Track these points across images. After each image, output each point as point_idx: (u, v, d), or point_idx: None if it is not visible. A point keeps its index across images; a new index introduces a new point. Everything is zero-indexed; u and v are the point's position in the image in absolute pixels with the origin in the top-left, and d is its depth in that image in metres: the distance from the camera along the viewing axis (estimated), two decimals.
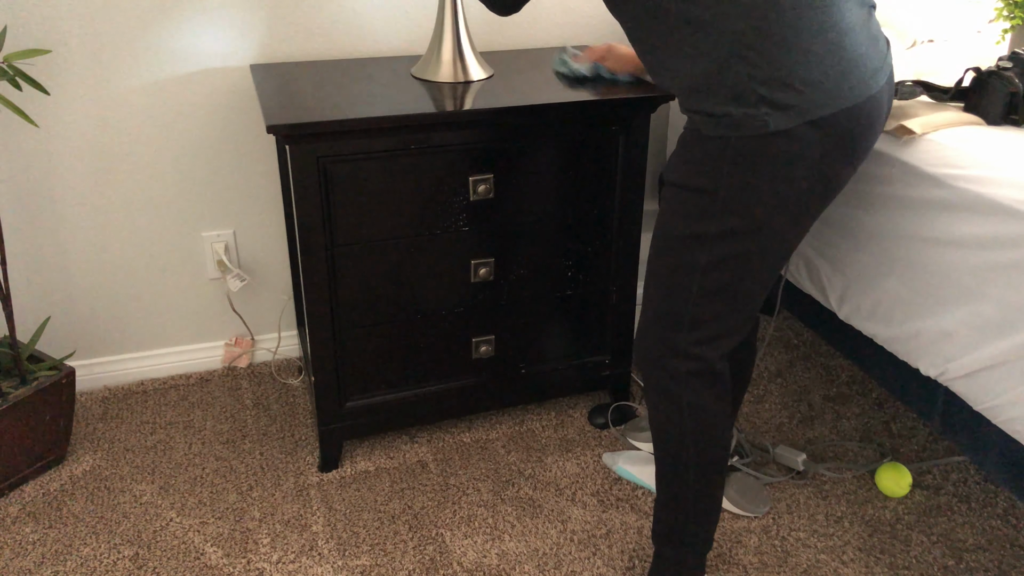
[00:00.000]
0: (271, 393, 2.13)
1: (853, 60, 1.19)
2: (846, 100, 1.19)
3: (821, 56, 1.16)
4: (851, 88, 1.19)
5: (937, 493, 1.82)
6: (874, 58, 1.23)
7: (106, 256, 2.02)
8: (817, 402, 2.11)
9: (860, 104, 1.20)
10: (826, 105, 1.17)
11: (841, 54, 1.18)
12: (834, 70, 1.17)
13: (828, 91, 1.17)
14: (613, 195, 1.82)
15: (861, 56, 1.20)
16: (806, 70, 1.16)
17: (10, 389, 1.75)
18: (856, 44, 1.20)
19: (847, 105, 1.19)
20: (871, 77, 1.21)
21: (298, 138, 1.54)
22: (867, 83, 1.21)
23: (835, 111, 1.18)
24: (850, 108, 1.19)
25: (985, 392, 1.35)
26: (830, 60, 1.17)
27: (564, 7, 2.11)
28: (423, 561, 1.64)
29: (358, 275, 1.71)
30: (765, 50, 1.16)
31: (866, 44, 1.22)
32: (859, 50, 1.20)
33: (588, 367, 1.99)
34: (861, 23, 1.22)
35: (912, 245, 1.45)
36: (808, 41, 1.16)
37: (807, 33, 1.16)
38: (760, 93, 1.17)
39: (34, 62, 1.79)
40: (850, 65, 1.19)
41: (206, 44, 1.90)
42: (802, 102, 1.17)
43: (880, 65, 1.24)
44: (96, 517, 1.73)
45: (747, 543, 1.69)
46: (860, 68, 1.20)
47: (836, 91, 1.18)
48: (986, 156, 1.36)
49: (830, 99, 1.17)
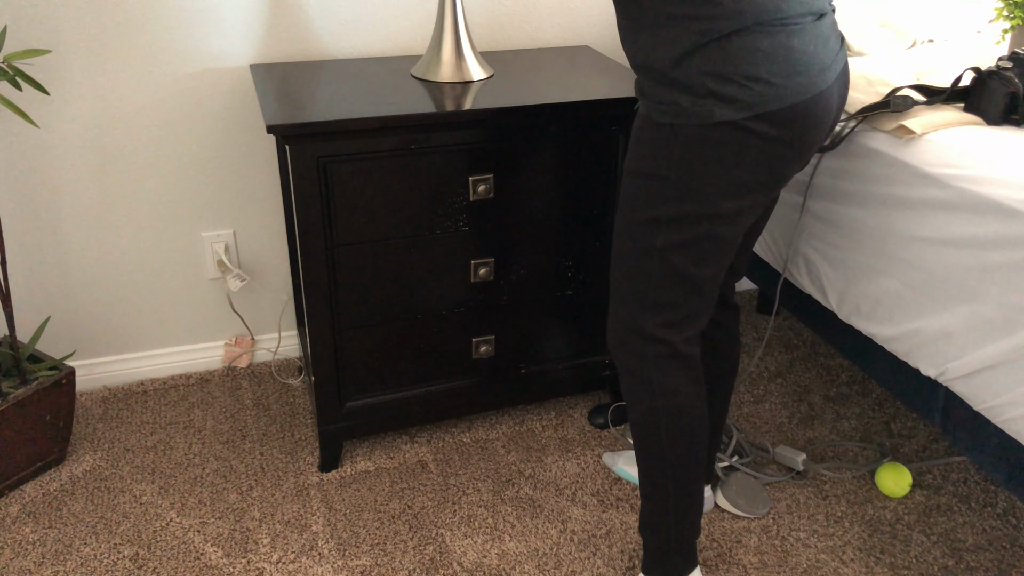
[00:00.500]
0: (271, 393, 2.13)
1: (801, 59, 1.23)
2: (792, 97, 1.23)
3: (768, 54, 1.21)
4: (798, 85, 1.23)
5: (937, 493, 1.82)
6: (823, 57, 1.27)
7: (106, 256, 2.02)
8: (817, 402, 2.11)
9: (807, 101, 1.24)
10: (772, 101, 1.22)
11: (788, 54, 1.22)
12: (781, 68, 1.21)
13: (775, 87, 1.21)
14: (613, 195, 1.82)
15: (809, 55, 1.24)
16: (752, 67, 1.20)
17: (10, 389, 1.75)
18: (804, 44, 1.24)
19: (794, 102, 1.23)
20: (818, 75, 1.25)
21: (298, 138, 1.54)
22: (814, 81, 1.24)
23: (781, 107, 1.22)
24: (795, 105, 1.23)
25: (985, 392, 1.35)
26: (778, 58, 1.21)
27: (564, 7, 2.11)
28: (423, 561, 1.64)
29: (358, 275, 1.71)
30: (717, 46, 1.20)
31: (814, 44, 1.26)
32: (807, 48, 1.24)
33: (588, 367, 1.99)
34: (812, 21, 1.27)
35: (912, 245, 1.45)
36: (758, 37, 1.20)
37: (759, 29, 1.20)
38: (708, 86, 1.22)
39: (34, 62, 1.79)
40: (797, 64, 1.23)
41: (206, 44, 1.90)
42: (748, 97, 1.21)
43: (829, 63, 1.28)
44: (96, 517, 1.73)
45: (747, 543, 1.69)
46: (808, 66, 1.24)
47: (782, 88, 1.22)
48: (986, 156, 1.36)
49: (776, 96, 1.22)
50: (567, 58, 2.00)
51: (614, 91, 1.74)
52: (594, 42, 2.17)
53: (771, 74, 1.21)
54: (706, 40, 1.21)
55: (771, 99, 1.21)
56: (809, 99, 1.24)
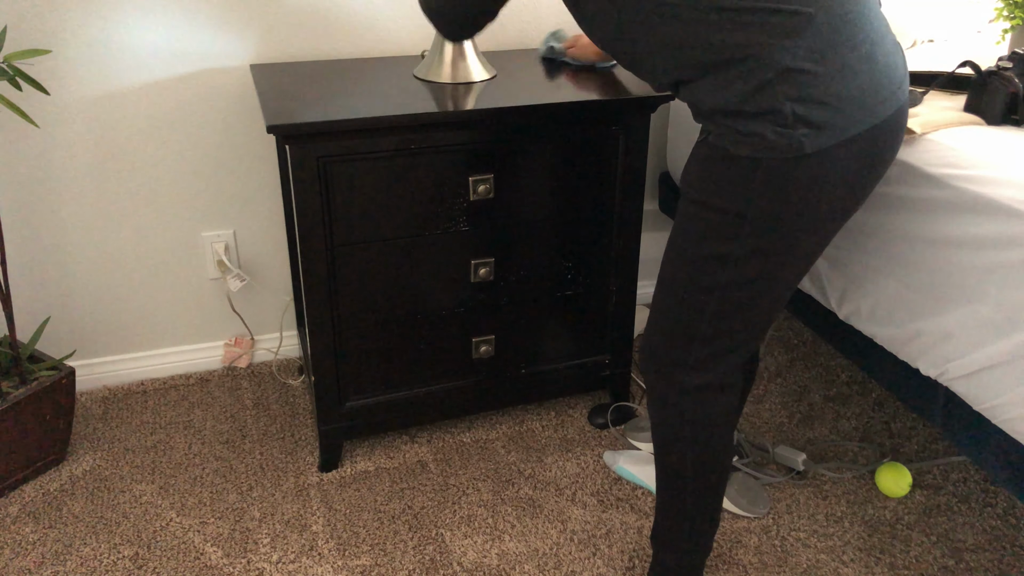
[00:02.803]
0: (271, 393, 2.13)
1: (884, 71, 1.15)
2: (879, 114, 1.15)
3: (856, 70, 1.12)
4: (883, 101, 1.15)
5: (937, 493, 1.82)
6: (901, 66, 1.19)
7: (106, 256, 2.02)
8: (817, 402, 2.11)
9: (889, 117, 1.16)
10: (862, 121, 1.13)
11: (873, 66, 1.14)
12: (869, 84, 1.13)
13: (864, 106, 1.13)
14: (613, 195, 1.82)
15: (890, 66, 1.16)
16: (842, 86, 1.11)
17: (10, 389, 1.75)
18: (886, 53, 1.16)
19: (880, 119, 1.15)
20: (899, 87, 1.18)
21: (298, 138, 1.54)
22: (896, 94, 1.17)
23: (869, 127, 1.14)
24: (881, 123, 1.15)
25: (985, 392, 1.35)
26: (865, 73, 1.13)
27: (565, 7, 2.11)
28: (423, 561, 1.64)
29: (358, 275, 1.71)
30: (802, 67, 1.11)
31: (893, 52, 1.17)
32: (888, 59, 1.16)
33: (588, 367, 1.99)
34: (886, 28, 1.19)
35: (912, 245, 1.45)
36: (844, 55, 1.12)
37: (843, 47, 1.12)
38: (797, 112, 1.11)
39: (34, 62, 1.79)
40: (882, 76, 1.15)
41: (206, 44, 1.90)
42: (839, 120, 1.12)
43: (906, 72, 1.21)
44: (96, 517, 1.73)
45: (747, 543, 1.69)
46: (890, 78, 1.16)
47: (872, 105, 1.14)
48: (986, 156, 1.36)
49: (866, 114, 1.13)
50: None
51: (614, 91, 1.74)
52: None
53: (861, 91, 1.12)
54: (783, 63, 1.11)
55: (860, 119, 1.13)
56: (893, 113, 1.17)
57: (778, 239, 1.19)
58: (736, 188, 1.18)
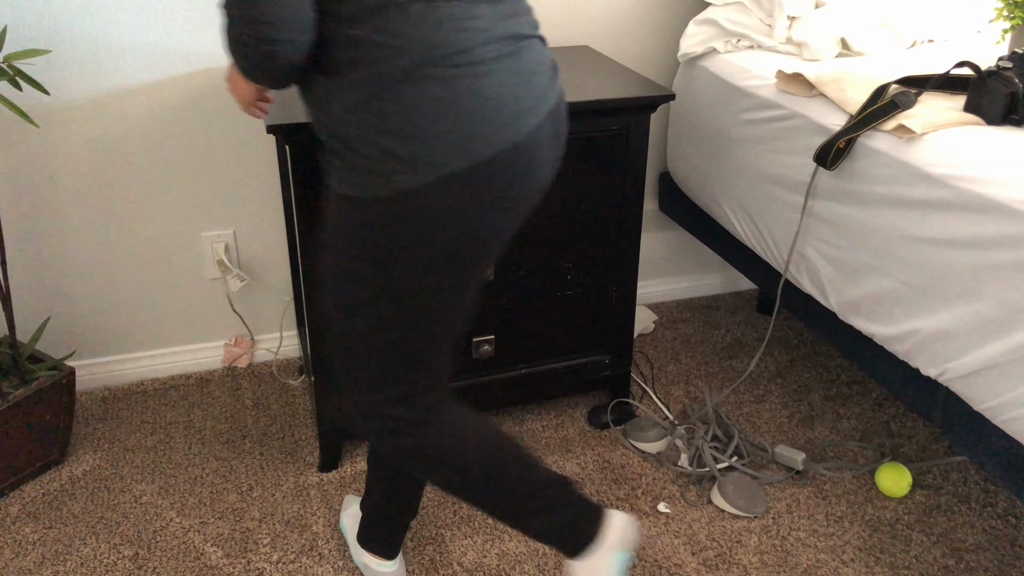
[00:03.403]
0: (271, 393, 2.13)
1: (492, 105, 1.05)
2: (482, 152, 1.05)
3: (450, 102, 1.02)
4: (487, 137, 1.05)
5: (937, 493, 1.82)
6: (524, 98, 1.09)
7: (106, 256, 2.02)
8: (817, 402, 2.11)
9: (502, 153, 1.06)
10: (458, 158, 1.03)
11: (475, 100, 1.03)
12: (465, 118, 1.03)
13: (458, 143, 1.03)
14: (613, 195, 1.82)
15: (503, 97, 1.06)
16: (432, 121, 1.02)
17: (10, 389, 1.75)
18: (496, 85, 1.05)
19: (485, 157, 1.05)
20: (517, 121, 1.07)
21: (298, 138, 1.54)
22: (510, 128, 1.06)
23: (469, 164, 1.04)
24: (490, 159, 1.05)
25: (985, 392, 1.35)
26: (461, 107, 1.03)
27: (564, 7, 2.11)
28: (423, 561, 1.64)
29: None
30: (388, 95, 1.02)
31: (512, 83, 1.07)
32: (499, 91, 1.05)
33: (588, 367, 1.99)
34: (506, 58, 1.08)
35: (911, 245, 1.45)
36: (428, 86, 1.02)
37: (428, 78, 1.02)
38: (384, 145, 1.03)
39: (34, 62, 1.79)
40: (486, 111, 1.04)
41: (206, 44, 1.90)
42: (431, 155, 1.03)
43: (534, 103, 1.10)
44: (96, 517, 1.73)
45: (747, 543, 1.69)
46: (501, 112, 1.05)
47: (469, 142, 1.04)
48: (986, 156, 1.36)
49: (462, 152, 1.03)
50: (567, 58, 2.00)
51: (615, 91, 1.74)
52: (594, 42, 2.17)
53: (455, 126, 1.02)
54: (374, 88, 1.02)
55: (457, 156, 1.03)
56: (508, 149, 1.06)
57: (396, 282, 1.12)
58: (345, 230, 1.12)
